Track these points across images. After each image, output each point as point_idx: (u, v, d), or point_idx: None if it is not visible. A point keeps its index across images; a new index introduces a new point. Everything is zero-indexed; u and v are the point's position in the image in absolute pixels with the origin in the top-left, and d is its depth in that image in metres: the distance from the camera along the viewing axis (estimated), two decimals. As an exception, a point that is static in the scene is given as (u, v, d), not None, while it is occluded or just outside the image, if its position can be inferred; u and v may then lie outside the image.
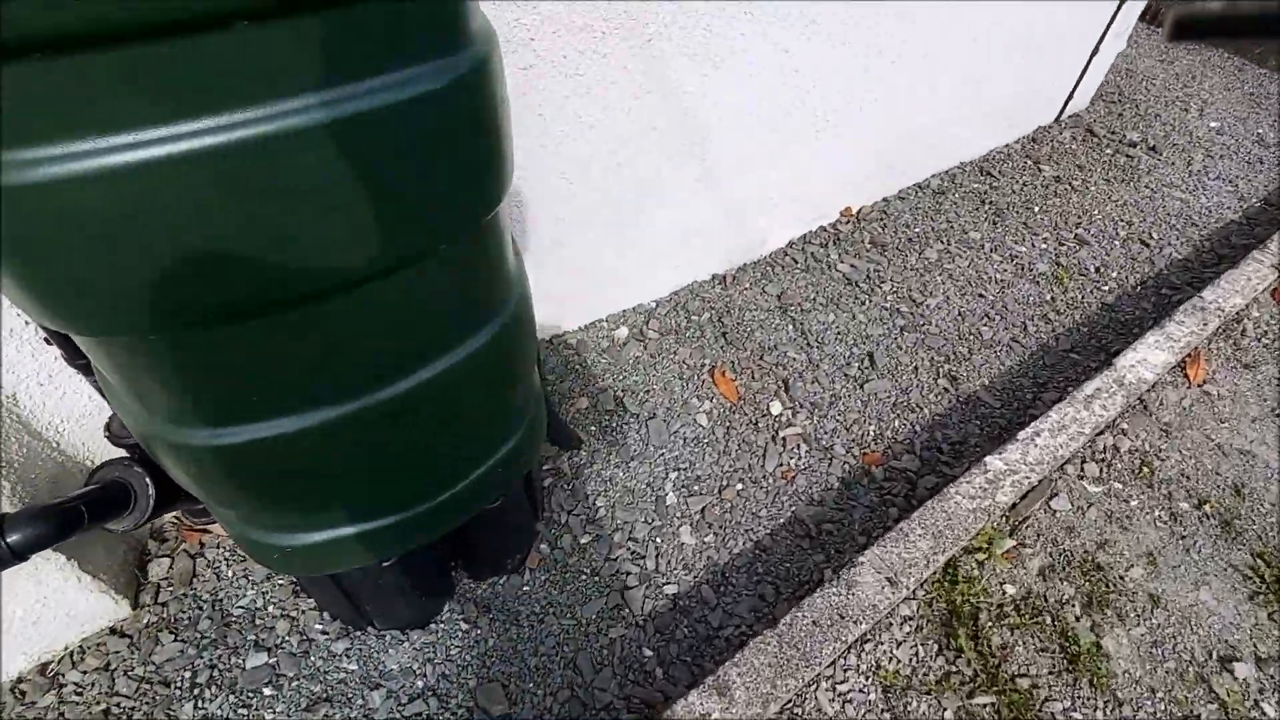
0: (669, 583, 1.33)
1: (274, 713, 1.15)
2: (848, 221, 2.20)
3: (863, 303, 1.93)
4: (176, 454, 0.75)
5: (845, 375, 1.74)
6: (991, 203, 2.31)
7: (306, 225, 0.61)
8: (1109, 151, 2.56)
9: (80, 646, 1.22)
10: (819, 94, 1.75)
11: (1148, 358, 1.60)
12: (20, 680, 1.19)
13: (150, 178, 0.52)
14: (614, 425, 1.59)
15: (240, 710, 1.16)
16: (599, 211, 1.57)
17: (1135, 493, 1.45)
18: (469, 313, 0.82)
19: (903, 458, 1.56)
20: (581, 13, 1.22)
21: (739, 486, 1.50)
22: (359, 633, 1.24)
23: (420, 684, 1.19)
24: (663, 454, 1.54)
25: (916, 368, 1.77)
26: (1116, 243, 2.19)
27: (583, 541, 1.38)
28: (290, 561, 0.95)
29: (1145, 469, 1.49)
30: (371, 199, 0.63)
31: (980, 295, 1.98)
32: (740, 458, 1.55)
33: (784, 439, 1.59)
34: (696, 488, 1.49)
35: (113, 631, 1.24)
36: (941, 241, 2.15)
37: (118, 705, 1.16)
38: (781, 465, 1.54)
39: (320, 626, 1.25)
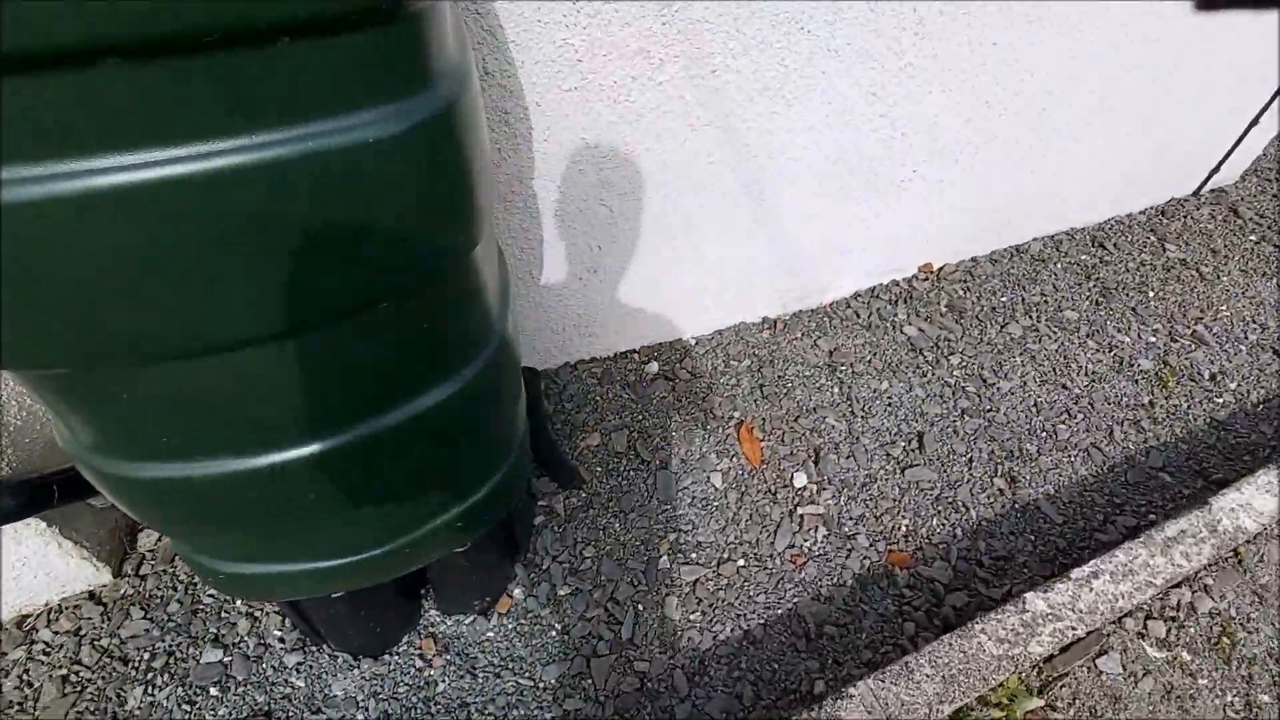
0: (641, 659, 1.23)
1: (214, 716, 1.13)
2: (926, 279, 2.00)
3: (924, 374, 1.74)
4: (100, 479, 0.71)
5: (887, 455, 1.57)
6: (1099, 279, 2.04)
7: (226, 271, 0.54)
8: (1253, 238, 2.22)
9: (59, 606, 1.25)
10: (908, 142, 1.58)
11: (1253, 502, 1.34)
12: (0, 628, 1.22)
13: (53, 214, 0.47)
14: (621, 469, 1.49)
15: (184, 706, 1.14)
16: (643, 241, 1.47)
17: (1207, 668, 1.22)
18: (425, 367, 0.74)
19: (934, 564, 1.39)
20: (638, 37, 1.12)
21: (740, 563, 1.37)
22: (314, 647, 1.21)
23: (360, 717, 1.14)
24: (666, 511, 1.43)
25: (971, 460, 1.57)
26: (1243, 348, 1.89)
27: (560, 593, 1.30)
28: (232, 585, 0.90)
29: (1225, 640, 1.25)
30: (304, 249, 0.56)
31: (1064, 386, 1.75)
32: (749, 530, 1.42)
33: (802, 517, 1.44)
34: (694, 555, 1.37)
35: (91, 596, 1.26)
36: (1030, 316, 1.92)
37: (76, 674, 1.17)
38: (793, 547, 1.39)
39: (279, 633, 1.22)
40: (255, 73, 0.45)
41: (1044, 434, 1.64)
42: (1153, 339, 1.89)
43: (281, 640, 1.22)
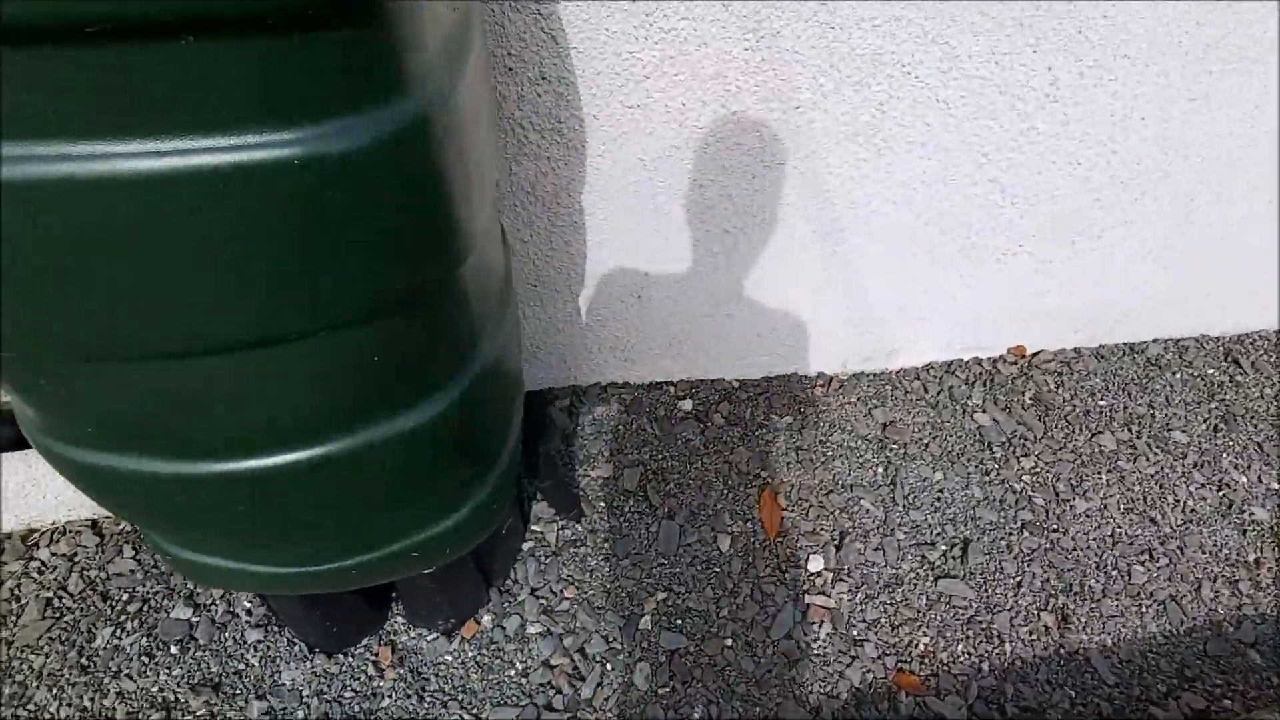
0: (595, 724, 1.14)
1: (168, 674, 1.14)
2: (1014, 363, 1.78)
3: (987, 471, 1.55)
4: (38, 448, 0.69)
5: (922, 557, 1.40)
6: (1223, 401, 1.76)
7: (146, 281, 0.49)
8: None
9: (63, 529, 1.29)
10: (1018, 212, 1.39)
11: (1367, 724, 1.09)
12: (9, 536, 1.28)
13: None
14: (625, 510, 1.40)
15: (143, 657, 1.15)
16: (697, 275, 1.36)
17: None
18: (375, 398, 0.67)
19: (947, 698, 1.22)
20: (715, 60, 1.01)
21: (728, 642, 1.25)
22: (276, 628, 1.19)
23: (300, 714, 1.11)
24: (662, 565, 1.33)
25: (1020, 584, 1.38)
26: (1395, 519, 1.57)
27: (529, 631, 1.22)
28: (172, 564, 0.88)
29: None
30: (230, 268, 0.50)
31: (1153, 520, 1.51)
32: (746, 608, 1.29)
33: (808, 606, 1.30)
34: (680, 622, 1.26)
35: (93, 525, 1.30)
36: (1130, 429, 1.67)
37: (59, 600, 1.21)
38: (790, 639, 1.26)
39: (248, 604, 1.21)
40: (151, 72, 0.38)
41: (1115, 572, 1.42)
42: (1276, 485, 1.60)
43: (249, 613, 1.21)
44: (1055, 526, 1.47)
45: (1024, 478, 1.55)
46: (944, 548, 1.42)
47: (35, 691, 1.12)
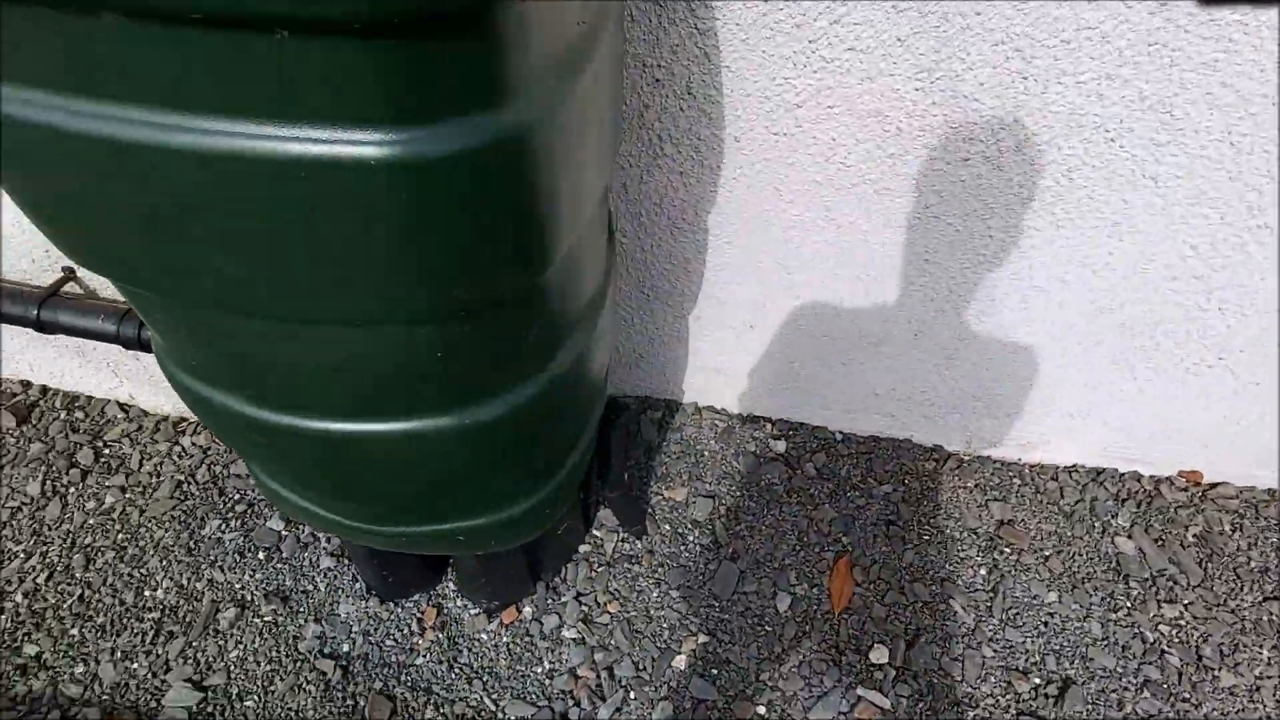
0: (604, 749, 1.12)
1: (251, 576, 1.26)
2: (1184, 489, 1.51)
3: (1115, 608, 1.32)
4: (160, 366, 0.77)
5: (1008, 684, 1.23)
6: None
7: (214, 248, 0.52)
8: None
9: (205, 422, 1.47)
10: (1225, 321, 1.16)
11: None
12: (166, 418, 1.48)
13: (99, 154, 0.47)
14: (689, 540, 1.35)
15: (235, 555, 1.29)
16: (818, 317, 1.28)
17: None
18: (434, 392, 0.68)
19: None
20: (878, 97, 0.92)
21: (760, 710, 1.17)
22: (347, 559, 1.28)
23: (345, 647, 1.19)
24: (712, 608, 1.27)
25: (1123, 749, 1.17)
26: None
27: (565, 635, 1.22)
28: (261, 489, 0.97)
29: None
30: (296, 249, 0.52)
31: (1326, 726, 1.21)
32: (789, 680, 1.20)
33: (859, 698, 1.19)
34: (716, 673, 1.20)
35: (227, 426, 1.47)
36: (1323, 606, 1.36)
37: (185, 486, 1.38)
38: (830, 727, 1.16)
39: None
40: (237, 60, 0.40)
41: (1256, 775, 1.16)
42: None
43: (328, 540, 1.31)
44: (1187, 696, 1.23)
45: (1161, 627, 1.30)
46: (1038, 681, 1.23)
47: (150, 559, 1.29)
